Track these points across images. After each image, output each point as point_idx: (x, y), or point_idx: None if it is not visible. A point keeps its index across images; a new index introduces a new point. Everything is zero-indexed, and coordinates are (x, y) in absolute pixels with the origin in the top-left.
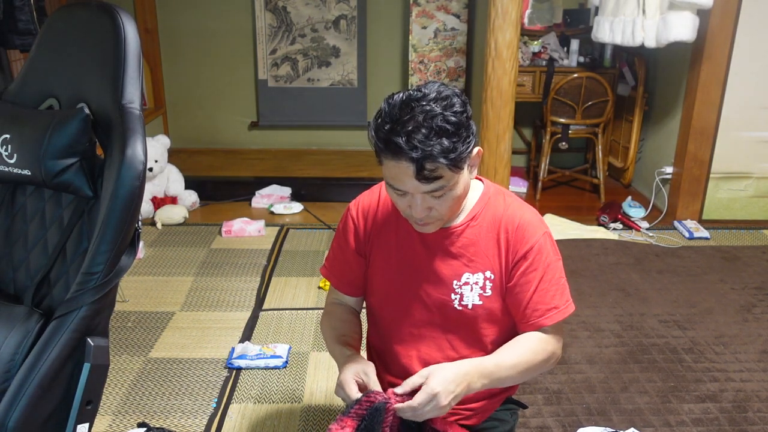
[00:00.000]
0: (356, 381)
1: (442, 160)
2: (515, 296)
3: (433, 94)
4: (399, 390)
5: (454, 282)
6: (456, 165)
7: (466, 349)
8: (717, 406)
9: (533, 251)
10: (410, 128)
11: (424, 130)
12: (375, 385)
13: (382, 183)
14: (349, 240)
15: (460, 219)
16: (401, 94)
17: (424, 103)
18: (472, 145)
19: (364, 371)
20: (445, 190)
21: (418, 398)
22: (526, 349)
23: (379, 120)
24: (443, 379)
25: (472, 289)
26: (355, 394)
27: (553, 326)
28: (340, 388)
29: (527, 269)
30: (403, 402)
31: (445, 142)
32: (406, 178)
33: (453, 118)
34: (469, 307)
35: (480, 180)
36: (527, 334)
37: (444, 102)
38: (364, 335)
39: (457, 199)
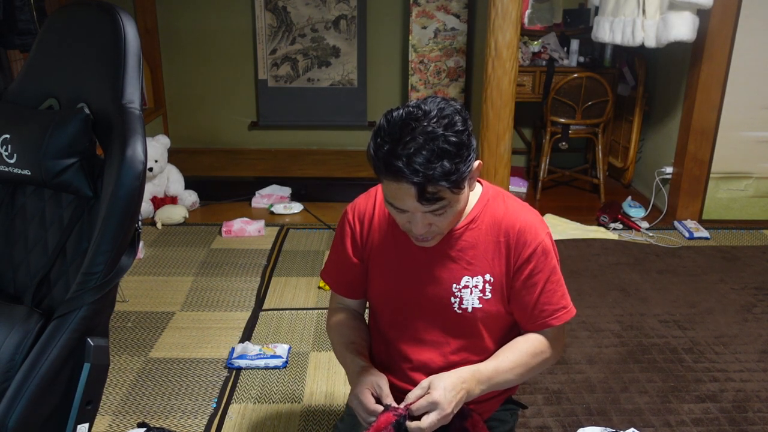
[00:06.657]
0: (371, 393)
1: (443, 183)
2: (521, 299)
3: (434, 112)
4: (402, 404)
5: (454, 285)
6: (457, 186)
7: (467, 352)
8: (717, 406)
9: (536, 254)
10: (411, 150)
11: (425, 152)
12: (388, 397)
13: (379, 186)
14: (346, 245)
15: (459, 222)
16: (401, 111)
17: (425, 123)
18: (473, 161)
19: (377, 384)
20: (446, 208)
21: (419, 405)
22: (524, 353)
23: (378, 139)
24: (442, 389)
25: (471, 292)
26: (373, 404)
27: (558, 326)
28: (356, 399)
29: (532, 272)
30: (407, 412)
31: (447, 164)
32: (407, 198)
33: (454, 138)
34: (469, 310)
35: (479, 182)
36: (527, 336)
37: (445, 120)
38: None
39: (458, 213)
